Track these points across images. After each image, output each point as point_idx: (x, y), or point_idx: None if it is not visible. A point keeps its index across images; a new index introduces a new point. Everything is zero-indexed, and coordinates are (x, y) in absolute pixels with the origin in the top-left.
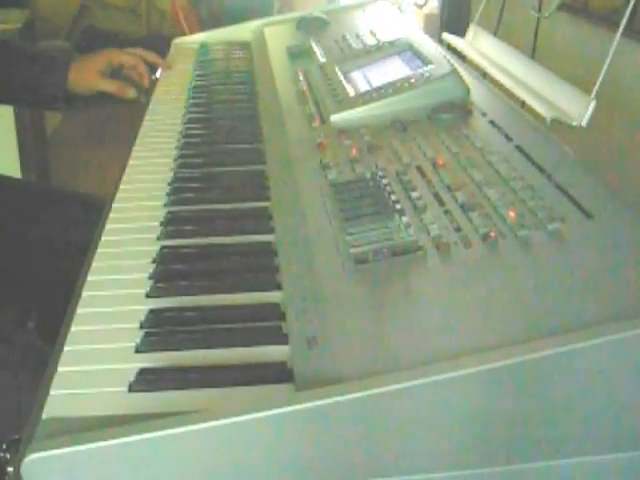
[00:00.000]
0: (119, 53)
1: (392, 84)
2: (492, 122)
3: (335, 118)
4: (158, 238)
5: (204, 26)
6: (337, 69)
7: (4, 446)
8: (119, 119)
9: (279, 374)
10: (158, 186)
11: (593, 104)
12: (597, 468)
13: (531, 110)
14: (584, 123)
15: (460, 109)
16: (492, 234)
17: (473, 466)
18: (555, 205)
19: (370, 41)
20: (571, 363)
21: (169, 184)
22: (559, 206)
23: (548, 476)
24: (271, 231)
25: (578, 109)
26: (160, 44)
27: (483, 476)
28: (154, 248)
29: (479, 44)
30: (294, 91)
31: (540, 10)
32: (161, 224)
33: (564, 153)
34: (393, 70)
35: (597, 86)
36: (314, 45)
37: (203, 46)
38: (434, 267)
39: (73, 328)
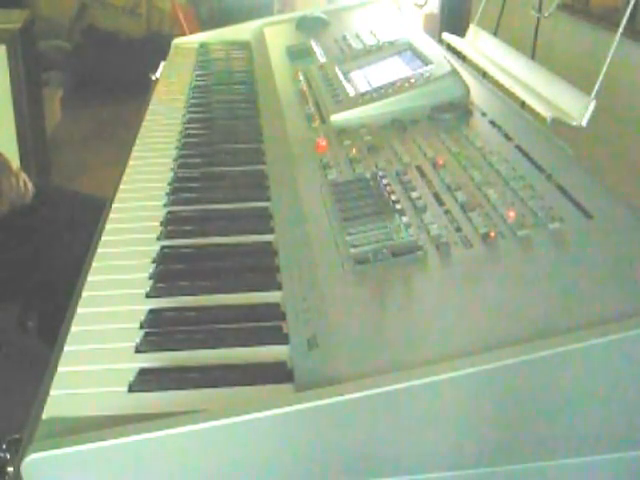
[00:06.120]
0: None
1: (392, 84)
2: (492, 122)
3: (335, 118)
4: (158, 238)
5: (204, 26)
6: (337, 69)
7: (4, 446)
8: (119, 119)
9: (279, 374)
10: (158, 186)
11: (593, 104)
12: (597, 468)
13: (531, 110)
14: (584, 123)
15: (460, 109)
16: (492, 234)
17: (473, 466)
18: (555, 205)
19: (370, 41)
20: (571, 363)
21: (169, 184)
22: (559, 206)
23: (548, 476)
24: (271, 231)
25: (578, 109)
26: (160, 44)
27: (483, 476)
28: (154, 248)
29: (479, 44)
30: (294, 91)
31: (540, 10)
32: (161, 224)
33: (564, 153)
34: (393, 70)
35: (597, 86)
36: (314, 45)
37: (203, 46)
38: (434, 267)
39: (73, 328)
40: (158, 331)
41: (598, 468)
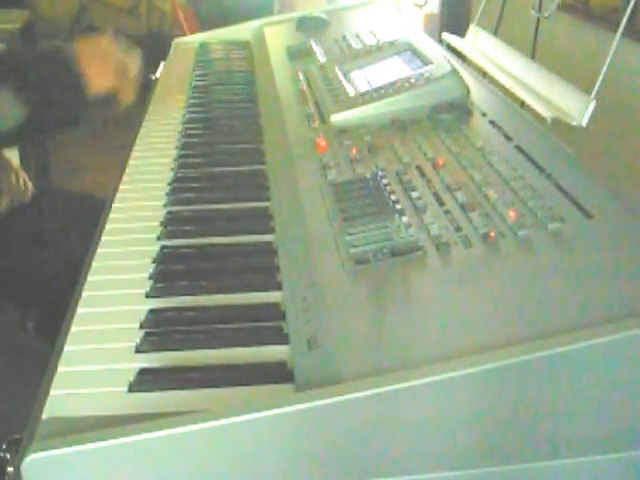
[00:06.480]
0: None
1: (392, 84)
2: (492, 122)
3: (335, 118)
4: (158, 238)
5: (204, 26)
6: (337, 69)
7: (4, 446)
8: (119, 119)
9: (279, 374)
10: (158, 186)
11: (593, 104)
12: (597, 468)
13: (531, 110)
14: (584, 123)
15: (460, 109)
16: (492, 234)
17: (473, 466)
18: (555, 205)
19: (370, 41)
20: (571, 363)
21: (169, 184)
22: (559, 206)
23: (548, 476)
24: (271, 231)
25: (578, 109)
26: (160, 44)
27: (483, 476)
28: (154, 248)
29: (479, 44)
30: (294, 91)
31: (540, 10)
32: (161, 224)
33: (564, 153)
34: (393, 70)
35: (597, 86)
36: (314, 45)
37: (203, 46)
38: (434, 267)
39: (73, 328)
40: (158, 331)
41: (598, 468)
